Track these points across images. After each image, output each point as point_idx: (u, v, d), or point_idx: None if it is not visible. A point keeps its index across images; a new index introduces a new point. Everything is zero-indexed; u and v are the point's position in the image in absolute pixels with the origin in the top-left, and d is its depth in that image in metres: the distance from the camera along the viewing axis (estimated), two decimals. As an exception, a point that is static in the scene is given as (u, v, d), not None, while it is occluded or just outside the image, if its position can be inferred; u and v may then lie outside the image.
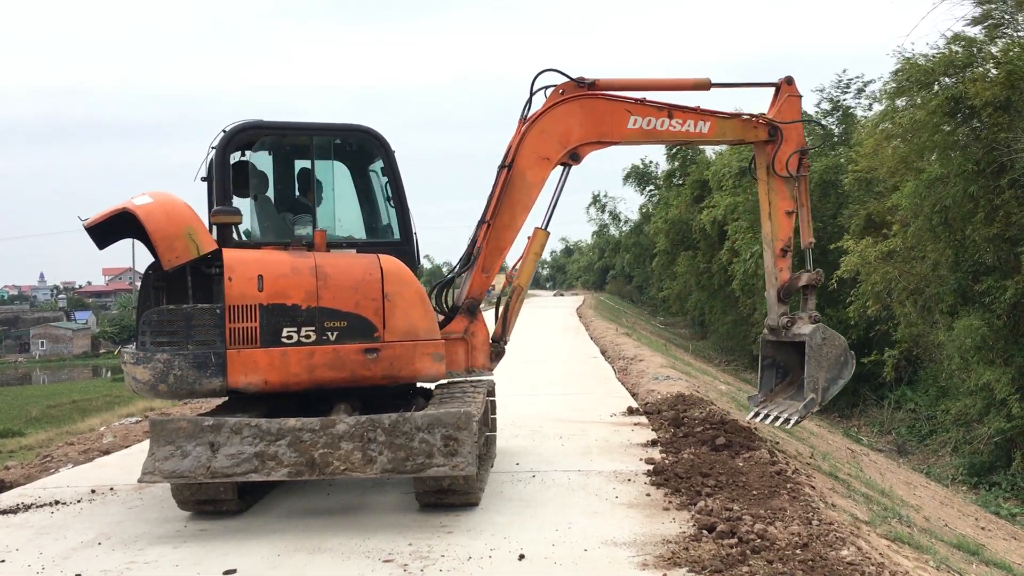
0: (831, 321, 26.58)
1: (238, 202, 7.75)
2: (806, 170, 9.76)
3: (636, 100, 8.96)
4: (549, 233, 8.93)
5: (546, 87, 8.75)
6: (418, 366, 7.54)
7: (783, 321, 9.65)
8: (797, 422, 9.41)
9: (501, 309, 8.85)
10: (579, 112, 8.74)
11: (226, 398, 7.73)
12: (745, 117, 9.59)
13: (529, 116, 8.68)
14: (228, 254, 7.13)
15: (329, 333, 7.20)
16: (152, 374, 6.94)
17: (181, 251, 6.98)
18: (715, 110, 9.41)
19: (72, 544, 6.59)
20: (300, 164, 8.20)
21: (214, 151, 7.63)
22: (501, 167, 8.59)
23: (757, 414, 9.90)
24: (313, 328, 7.16)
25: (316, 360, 7.16)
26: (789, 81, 9.71)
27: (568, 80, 8.74)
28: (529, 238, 8.81)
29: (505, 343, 8.76)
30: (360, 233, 8.34)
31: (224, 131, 7.59)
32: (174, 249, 6.97)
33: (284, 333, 7.08)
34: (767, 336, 10.00)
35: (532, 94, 8.72)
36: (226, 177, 7.58)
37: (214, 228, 7.53)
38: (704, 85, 9.35)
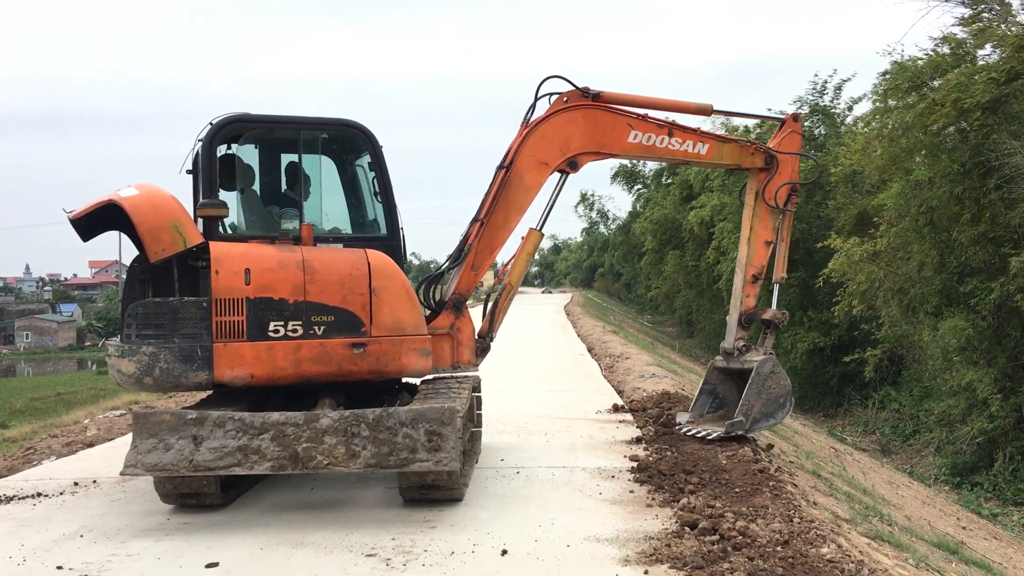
0: (813, 322, 26.80)
1: (224, 195, 7.72)
2: (793, 205, 9.78)
3: (639, 115, 8.97)
4: (543, 235, 8.96)
5: (550, 93, 8.73)
6: (404, 361, 7.53)
7: (739, 345, 9.65)
8: (715, 439, 9.14)
9: (490, 306, 8.86)
10: (581, 121, 8.74)
11: (211, 392, 7.69)
12: (743, 143, 9.73)
13: (531, 120, 8.68)
14: (215, 247, 7.07)
15: (316, 327, 7.18)
16: (138, 367, 6.89)
17: (168, 244, 6.91)
18: (715, 133, 9.48)
19: (54, 536, 6.58)
20: (286, 158, 8.18)
21: (200, 144, 7.61)
22: (499, 168, 8.58)
23: (680, 427, 9.78)
24: (300, 322, 7.13)
25: (303, 354, 7.14)
26: (796, 118, 9.87)
27: (573, 88, 8.73)
28: (523, 238, 8.82)
29: (491, 340, 8.77)
30: (347, 227, 8.34)
31: (211, 124, 7.55)
32: (160, 241, 6.90)
33: (271, 327, 7.05)
34: (717, 363, 9.89)
35: (536, 99, 8.69)
36: (213, 170, 7.53)
37: (199, 221, 7.51)
38: (706, 111, 9.44)
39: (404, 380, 8.31)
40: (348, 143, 8.27)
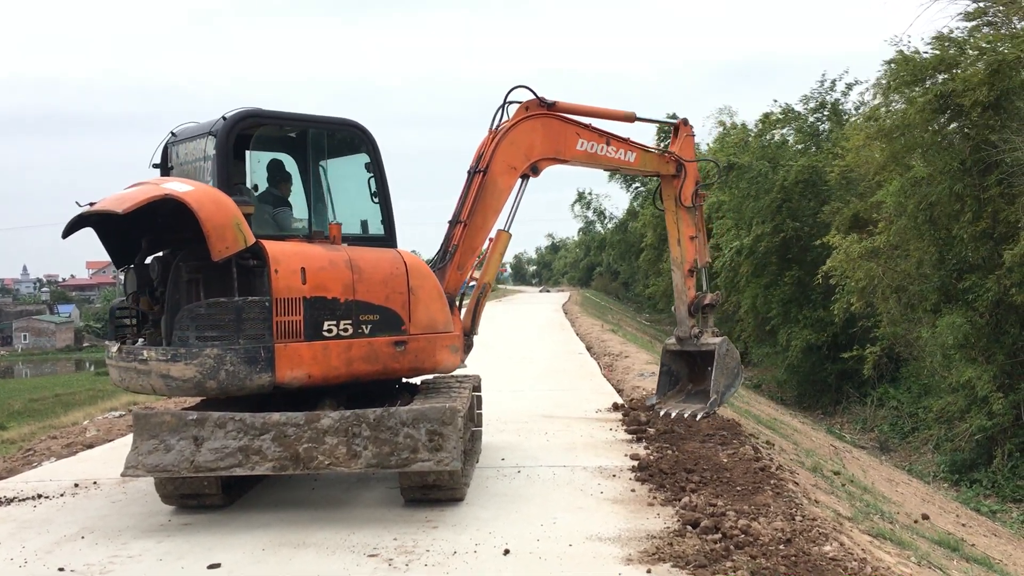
0: (808, 320, 26.91)
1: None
2: (701, 200, 11.25)
3: (584, 125, 9.84)
4: (511, 235, 9.34)
5: (511, 102, 9.28)
6: (439, 358, 7.77)
7: (694, 332, 10.94)
8: (703, 418, 10.29)
9: (470, 305, 9.04)
10: (540, 129, 9.41)
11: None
12: (657, 152, 10.94)
13: (500, 128, 9.15)
14: (271, 246, 6.92)
15: (364, 326, 7.20)
16: (199, 371, 6.61)
17: (231, 242, 6.60)
18: (641, 143, 10.60)
19: (55, 538, 6.56)
20: (267, 156, 8.09)
21: (212, 138, 7.30)
22: (474, 172, 8.93)
23: (658, 412, 10.77)
24: (350, 321, 7.13)
25: (354, 353, 7.15)
26: (686, 122, 11.23)
27: (534, 98, 9.36)
28: (491, 239, 9.11)
29: (474, 336, 9.04)
30: (347, 227, 8.27)
31: (224, 118, 7.32)
32: (224, 239, 6.57)
33: (325, 326, 7.00)
34: (670, 346, 11.29)
35: (503, 106, 9.23)
36: (229, 166, 7.29)
37: None
38: (631, 118, 10.54)
39: (404, 380, 8.31)
40: (348, 143, 8.22)
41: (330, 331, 7.03)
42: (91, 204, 7.10)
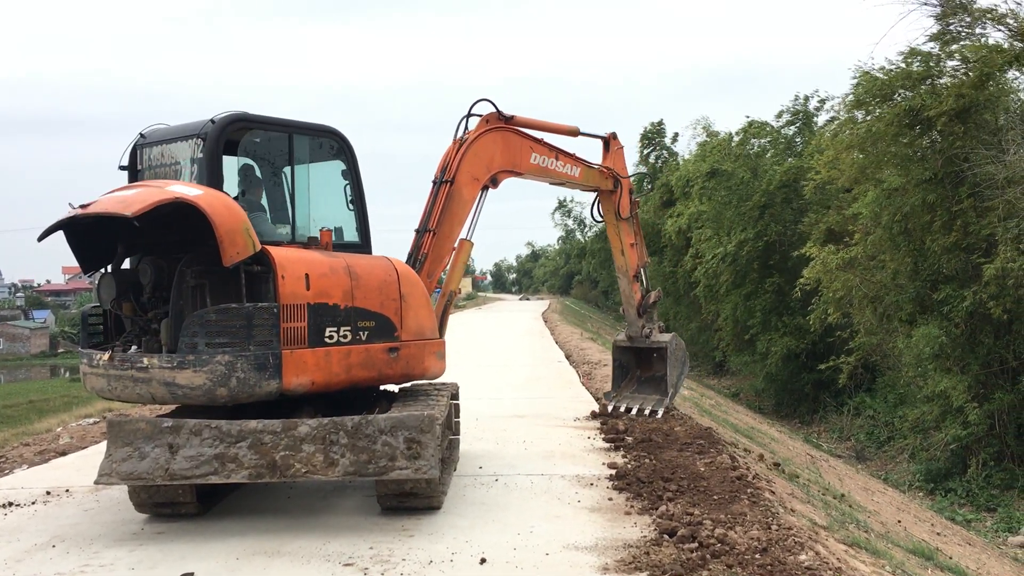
0: (787, 327, 27.14)
1: None
2: (637, 208, 12.11)
3: (537, 140, 10.18)
4: (473, 243, 9.49)
5: (472, 115, 9.55)
6: (427, 364, 7.91)
7: (645, 332, 11.85)
8: (664, 413, 11.22)
9: (436, 312, 8.95)
10: (500, 142, 9.72)
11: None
12: (597, 167, 11.41)
13: (464, 139, 9.35)
14: (277, 252, 6.90)
15: (361, 333, 7.28)
16: (209, 377, 6.55)
17: (241, 247, 6.56)
18: (585, 160, 11.06)
19: (26, 546, 6.48)
20: (264, 161, 8.05)
21: (200, 141, 7.21)
22: (440, 182, 9.07)
23: (617, 407, 11.69)
24: (349, 328, 7.19)
25: (352, 360, 7.20)
26: (614, 136, 11.82)
27: (494, 111, 9.67)
28: (454, 249, 9.23)
29: None
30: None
31: (212, 121, 7.21)
32: (236, 244, 6.52)
33: (326, 333, 7.03)
34: (620, 342, 12.18)
35: (467, 117, 9.48)
36: (218, 170, 7.20)
37: None
38: (574, 132, 10.97)
39: (381, 388, 8.29)
40: (326, 149, 8.18)
41: (331, 337, 7.06)
42: (82, 206, 6.87)
